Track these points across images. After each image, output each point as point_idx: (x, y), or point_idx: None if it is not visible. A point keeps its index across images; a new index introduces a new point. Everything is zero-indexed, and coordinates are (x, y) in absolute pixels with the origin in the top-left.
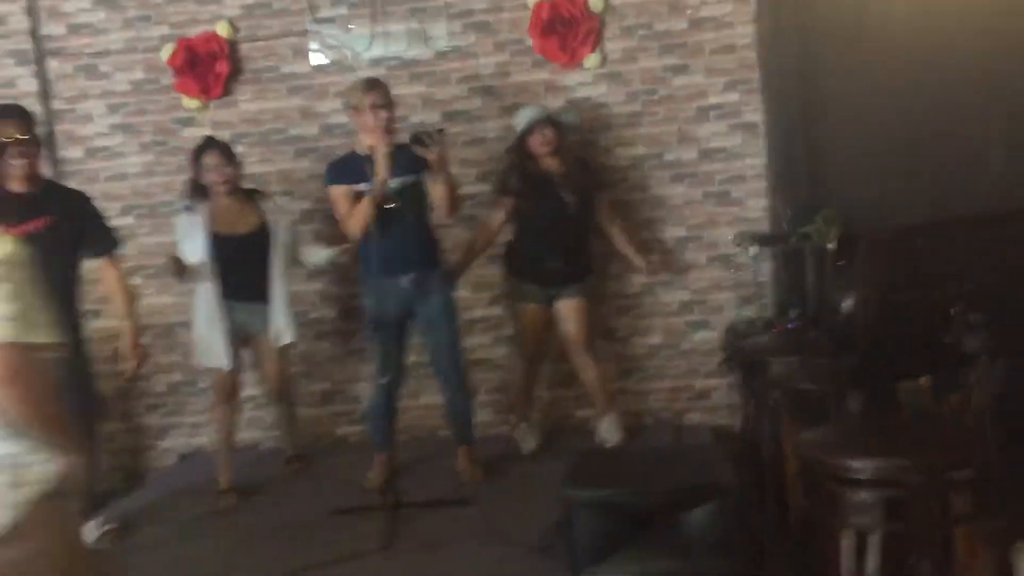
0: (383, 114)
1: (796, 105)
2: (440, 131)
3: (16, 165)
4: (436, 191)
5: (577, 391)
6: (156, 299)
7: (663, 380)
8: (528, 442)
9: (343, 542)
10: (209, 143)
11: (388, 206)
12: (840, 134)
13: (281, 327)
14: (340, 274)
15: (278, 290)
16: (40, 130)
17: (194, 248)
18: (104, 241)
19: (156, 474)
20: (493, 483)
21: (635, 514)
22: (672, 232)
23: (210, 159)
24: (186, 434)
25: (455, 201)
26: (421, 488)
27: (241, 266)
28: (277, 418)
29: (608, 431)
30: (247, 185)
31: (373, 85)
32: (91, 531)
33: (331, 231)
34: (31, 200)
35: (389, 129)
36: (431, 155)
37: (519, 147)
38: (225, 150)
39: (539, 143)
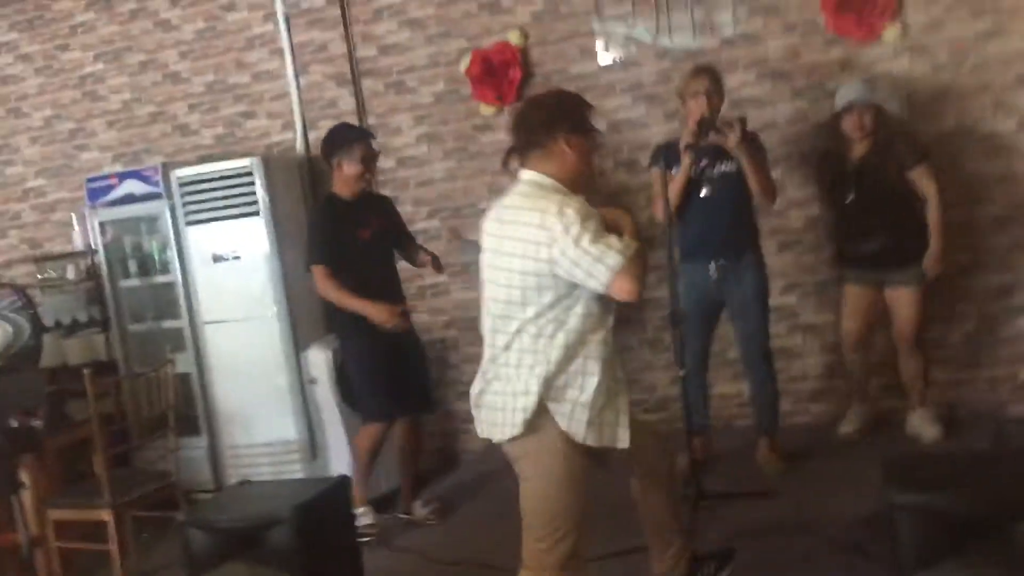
0: (697, 101)
1: None
2: (740, 119)
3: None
4: (750, 178)
5: (886, 379)
6: (461, 295)
7: (980, 369)
8: (846, 426)
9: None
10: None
11: (701, 194)
12: None
13: None
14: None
15: None
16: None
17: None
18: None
19: (468, 455)
20: (796, 475)
21: (963, 521)
22: (987, 211)
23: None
24: None
25: (768, 185)
26: (721, 479)
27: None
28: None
29: (920, 425)
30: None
31: (696, 73)
32: (418, 508)
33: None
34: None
35: (702, 116)
36: (729, 142)
37: (831, 126)
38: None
39: (853, 126)
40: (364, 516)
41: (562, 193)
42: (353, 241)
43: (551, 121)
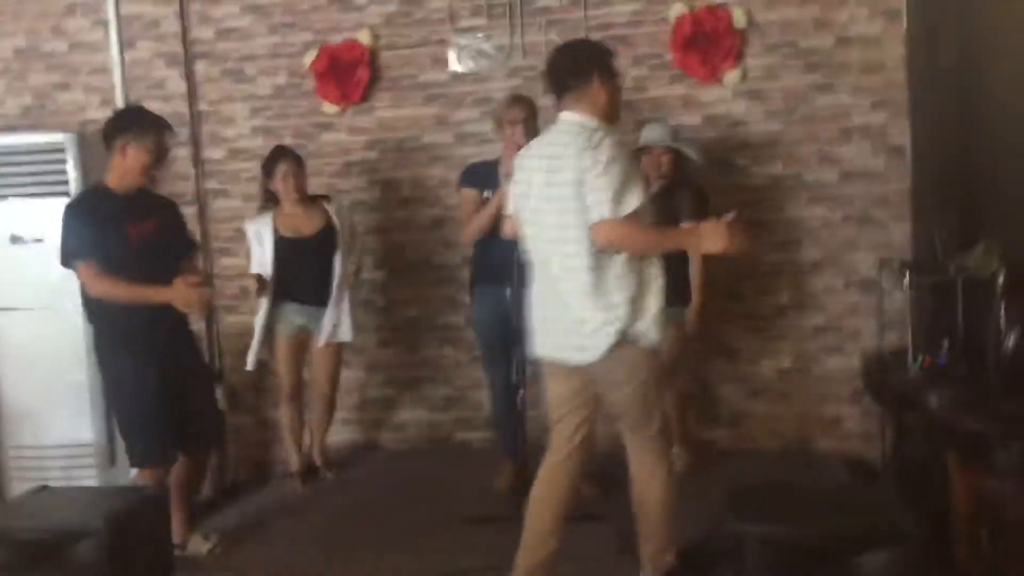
0: (515, 129)
1: (951, 128)
2: None
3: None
4: None
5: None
6: None
7: (792, 405)
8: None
9: (479, 552)
10: (279, 152)
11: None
12: (1003, 160)
13: (334, 326)
14: (468, 281)
15: (339, 289)
16: (186, 130)
17: (263, 252)
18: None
19: (281, 467)
20: (618, 500)
21: (809, 553)
22: (809, 255)
23: (284, 168)
24: None
25: None
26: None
27: (309, 268)
28: (316, 423)
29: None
30: (315, 192)
31: (514, 101)
32: (198, 543)
33: (458, 238)
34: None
35: (519, 145)
36: None
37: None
38: (296, 159)
39: (650, 166)
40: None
41: (602, 129)
42: (121, 242)
43: (584, 64)
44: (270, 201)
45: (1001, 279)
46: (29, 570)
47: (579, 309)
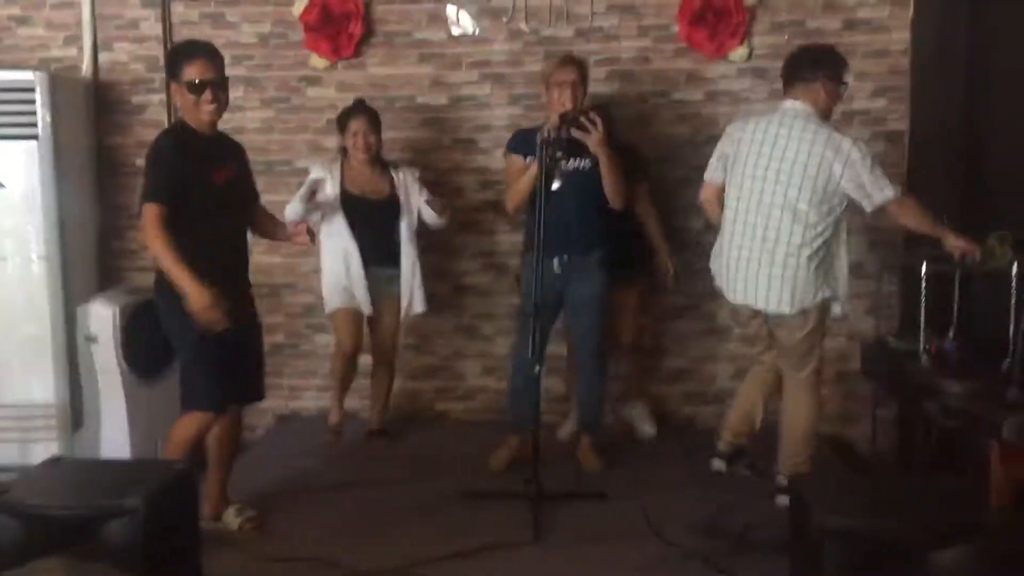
0: (561, 92)
1: (957, 117)
2: (601, 112)
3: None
4: (604, 178)
5: None
6: (264, 258)
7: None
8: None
9: (484, 529)
10: (354, 107)
11: (553, 187)
12: (1009, 150)
13: (413, 297)
14: (455, 249)
15: (408, 260)
16: (160, 75)
17: (327, 197)
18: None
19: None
20: (618, 475)
21: (891, 548)
22: None
23: (356, 124)
24: (285, 396)
25: (619, 188)
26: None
27: (371, 230)
28: (376, 389)
29: (638, 419)
30: (387, 157)
31: (563, 63)
32: (231, 516)
33: (454, 203)
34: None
35: (565, 107)
36: (590, 139)
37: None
38: (371, 116)
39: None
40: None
41: (828, 124)
42: (205, 184)
43: (817, 64)
44: (341, 155)
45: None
46: (62, 549)
47: (782, 267)
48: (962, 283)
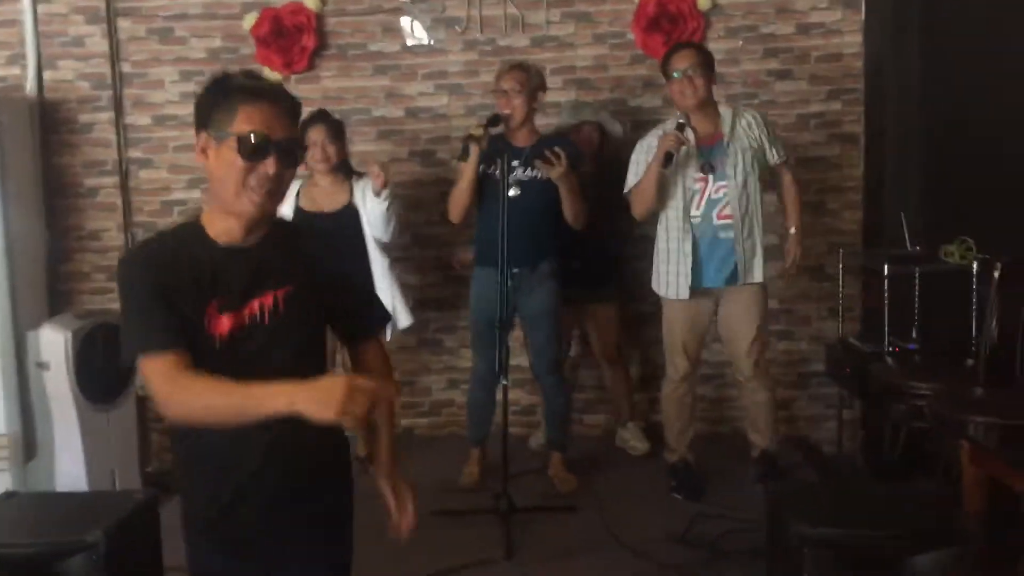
0: (503, 101)
1: (914, 120)
2: (565, 149)
3: None
4: (566, 205)
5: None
6: None
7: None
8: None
9: (459, 547)
10: (312, 116)
11: (510, 194)
12: (967, 152)
13: (395, 311)
14: (416, 263)
15: (379, 267)
16: (107, 93)
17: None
18: None
19: None
20: (590, 489)
21: (866, 555)
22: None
23: (315, 134)
24: None
25: (577, 210)
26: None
27: None
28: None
29: (630, 439)
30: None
31: (503, 71)
32: None
33: (408, 217)
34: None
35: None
36: (553, 172)
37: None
38: (329, 125)
39: (583, 142)
40: None
41: None
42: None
43: None
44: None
45: (978, 269)
46: None
47: None
48: (922, 283)
